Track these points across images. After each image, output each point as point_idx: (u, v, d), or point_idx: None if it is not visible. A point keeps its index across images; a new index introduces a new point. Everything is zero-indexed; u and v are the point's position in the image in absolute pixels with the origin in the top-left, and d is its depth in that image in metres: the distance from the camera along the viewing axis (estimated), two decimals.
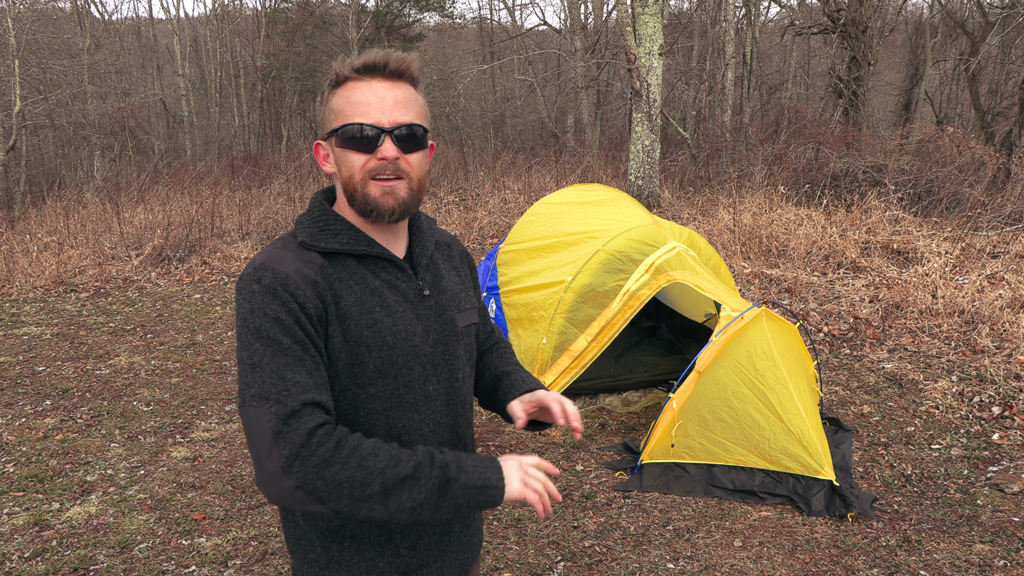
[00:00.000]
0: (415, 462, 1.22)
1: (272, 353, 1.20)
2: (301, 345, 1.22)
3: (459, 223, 10.80)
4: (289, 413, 1.17)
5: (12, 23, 14.50)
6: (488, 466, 1.29)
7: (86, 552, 3.32)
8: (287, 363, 1.20)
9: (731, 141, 14.09)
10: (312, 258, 1.31)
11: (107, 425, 4.67)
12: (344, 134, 1.30)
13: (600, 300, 4.58)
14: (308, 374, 1.21)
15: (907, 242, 8.04)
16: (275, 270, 1.25)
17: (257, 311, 1.22)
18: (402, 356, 1.33)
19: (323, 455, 1.16)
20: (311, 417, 1.18)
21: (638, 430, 4.55)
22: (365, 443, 1.21)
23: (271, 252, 1.31)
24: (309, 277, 1.27)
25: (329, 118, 1.33)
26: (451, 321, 1.43)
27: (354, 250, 1.33)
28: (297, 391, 1.19)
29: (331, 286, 1.29)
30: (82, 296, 7.68)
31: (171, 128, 23.90)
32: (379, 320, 1.31)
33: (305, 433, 1.16)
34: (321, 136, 1.38)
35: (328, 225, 1.35)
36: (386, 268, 1.37)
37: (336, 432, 1.19)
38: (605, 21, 22.53)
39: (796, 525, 3.53)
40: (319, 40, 20.08)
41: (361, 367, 1.30)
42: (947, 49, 20.36)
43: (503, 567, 3.24)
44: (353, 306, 1.30)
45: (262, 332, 1.21)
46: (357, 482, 1.17)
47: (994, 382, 4.99)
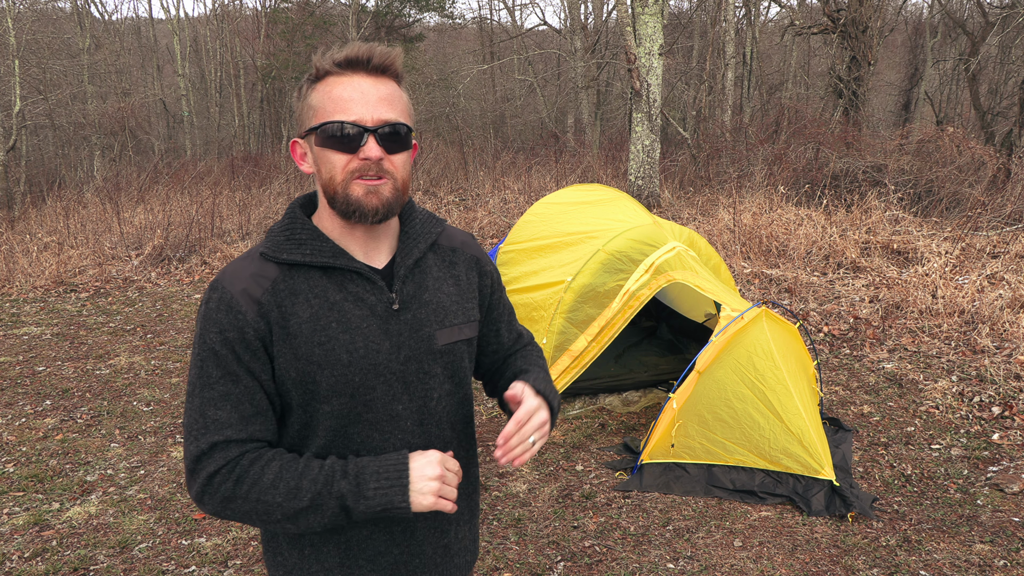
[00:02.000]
0: (313, 492, 1.21)
1: (201, 386, 1.24)
2: (232, 377, 1.23)
3: (459, 223, 10.80)
4: (199, 454, 1.22)
5: (12, 23, 14.50)
6: (393, 485, 1.22)
7: (86, 552, 3.32)
8: (212, 398, 1.23)
9: (731, 141, 14.09)
10: (268, 272, 1.27)
11: (107, 425, 4.67)
12: (324, 132, 1.24)
13: (600, 300, 4.58)
14: (232, 408, 1.23)
15: (907, 242, 8.04)
16: (223, 290, 1.25)
17: (199, 337, 1.25)
18: (360, 374, 1.27)
19: (224, 493, 1.22)
20: (217, 458, 1.22)
21: (638, 430, 4.55)
22: (267, 475, 1.22)
23: (232, 265, 1.29)
24: (254, 296, 1.24)
25: (308, 115, 1.27)
26: (428, 338, 1.34)
27: (316, 261, 1.27)
28: (214, 429, 1.23)
29: (280, 304, 1.25)
30: (82, 296, 7.68)
31: (171, 128, 23.89)
32: (334, 337, 1.26)
33: (207, 476, 1.22)
34: (298, 133, 1.31)
35: (294, 234, 1.30)
36: (353, 280, 1.29)
37: (238, 468, 1.22)
38: (605, 21, 22.54)
39: (796, 525, 3.53)
40: (319, 40, 20.07)
41: (314, 385, 1.26)
42: (947, 49, 20.36)
43: (503, 567, 3.24)
44: (306, 322, 1.25)
45: (198, 361, 1.25)
46: (260, 513, 1.22)
47: (994, 382, 4.99)
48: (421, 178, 14.05)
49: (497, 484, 3.95)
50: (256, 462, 1.23)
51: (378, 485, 1.22)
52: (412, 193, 13.00)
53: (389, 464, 1.24)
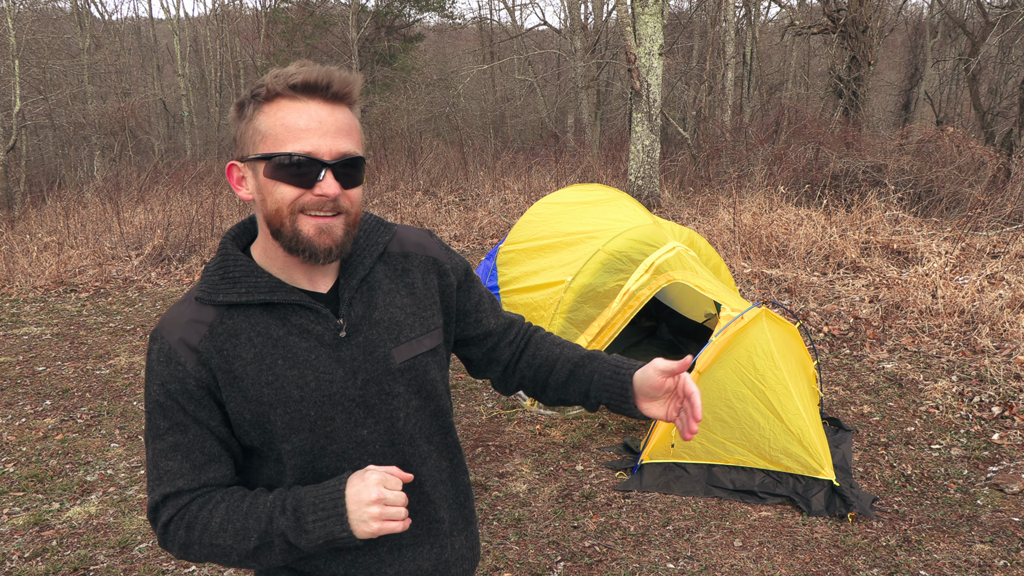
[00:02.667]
0: (259, 532, 1.18)
1: (152, 438, 1.23)
2: (179, 428, 1.21)
3: (459, 223, 10.80)
4: (154, 505, 1.24)
5: (12, 23, 14.50)
6: (329, 516, 1.16)
7: (86, 552, 3.32)
8: (161, 450, 1.22)
9: (731, 141, 14.09)
10: (204, 316, 1.21)
11: (107, 425, 4.67)
12: (275, 163, 1.13)
13: (600, 300, 4.58)
14: (183, 458, 1.22)
15: (907, 242, 8.04)
16: (162, 339, 1.22)
17: (146, 389, 1.24)
18: (315, 407, 1.22)
19: (180, 541, 1.22)
20: (168, 508, 1.22)
21: (638, 430, 4.55)
22: (214, 518, 1.20)
23: (171, 310, 1.26)
24: (191, 345, 1.19)
25: (254, 139, 1.16)
26: (384, 358, 1.27)
27: (254, 299, 1.20)
28: (166, 481, 1.22)
29: (220, 348, 1.20)
30: (82, 296, 7.68)
31: (171, 128, 23.89)
32: (281, 374, 1.20)
33: (162, 526, 1.23)
34: (239, 156, 1.20)
35: (228, 273, 1.22)
36: (296, 312, 1.22)
37: (187, 515, 1.22)
38: (605, 21, 22.54)
39: (796, 525, 3.53)
40: (319, 40, 20.07)
41: (269, 425, 1.22)
42: (947, 49, 20.36)
43: (503, 567, 3.24)
44: (251, 364, 1.20)
45: (147, 412, 1.24)
46: (219, 555, 1.22)
47: (994, 382, 4.99)
48: (421, 178, 14.06)
49: (497, 484, 3.95)
50: (204, 506, 1.21)
51: (315, 518, 1.16)
52: (412, 193, 13.00)
53: (325, 494, 1.17)
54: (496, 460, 4.20)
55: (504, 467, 4.12)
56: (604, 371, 1.38)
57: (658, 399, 1.32)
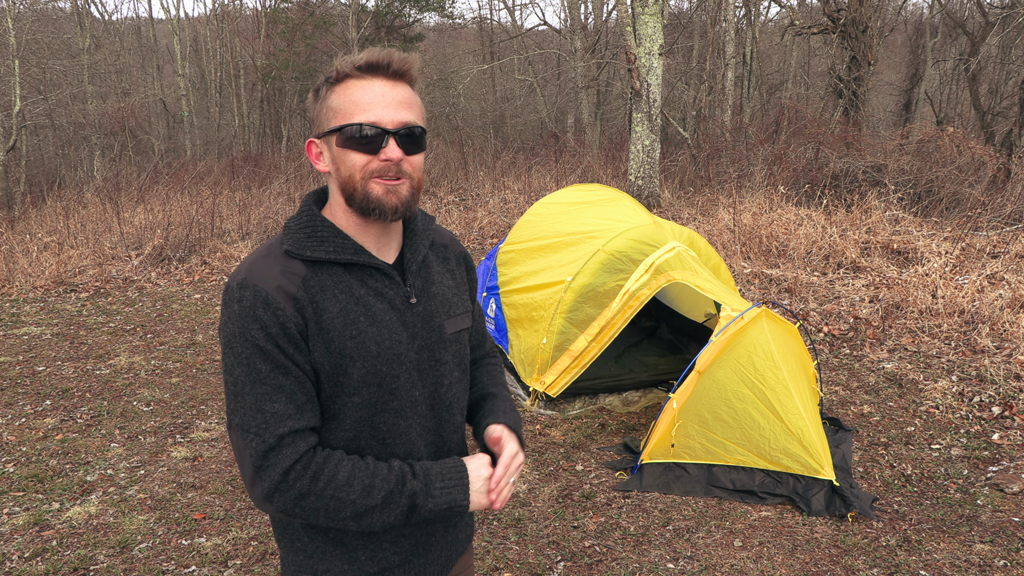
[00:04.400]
0: (386, 491, 1.28)
1: (252, 382, 1.24)
2: (281, 369, 1.25)
3: (459, 223, 10.79)
4: (268, 449, 1.23)
5: (12, 23, 14.50)
6: (455, 485, 1.34)
7: (86, 552, 3.32)
8: (266, 392, 1.24)
9: (731, 141, 14.09)
10: (295, 268, 1.29)
11: (107, 425, 4.67)
12: (346, 134, 1.27)
13: (600, 300, 4.58)
14: (288, 399, 1.25)
15: (907, 242, 8.04)
16: (256, 287, 1.25)
17: (238, 335, 1.25)
18: (387, 364, 1.33)
19: (299, 489, 1.24)
20: (289, 452, 1.24)
21: (638, 430, 4.55)
22: (341, 471, 1.27)
23: (255, 263, 1.30)
24: (289, 293, 1.26)
25: (327, 116, 1.31)
26: (438, 328, 1.42)
27: (340, 258, 1.32)
28: (275, 423, 1.24)
29: (313, 299, 1.28)
30: (82, 296, 7.68)
31: (171, 128, 23.89)
32: (363, 330, 1.31)
33: (282, 471, 1.23)
34: (316, 133, 1.35)
35: (315, 232, 1.33)
36: (373, 276, 1.35)
37: (313, 464, 1.25)
38: (605, 21, 22.53)
39: (796, 525, 3.53)
40: (319, 40, 20.07)
41: (345, 377, 1.30)
42: (947, 49, 20.36)
43: (503, 567, 3.24)
44: (337, 317, 1.29)
45: (243, 359, 1.25)
46: (331, 509, 1.26)
47: (994, 382, 4.99)
48: None
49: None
50: (328, 460, 1.27)
51: (443, 485, 1.33)
52: None
53: (450, 467, 1.35)
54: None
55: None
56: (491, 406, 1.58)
57: None
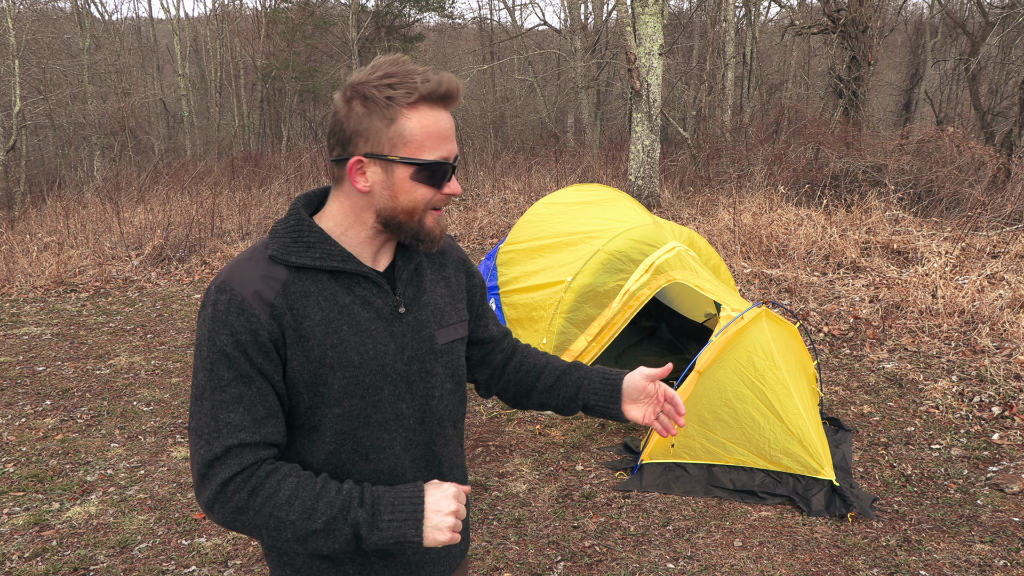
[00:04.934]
0: (328, 516, 1.20)
1: (212, 388, 1.21)
2: (244, 379, 1.21)
3: (459, 223, 10.79)
4: (212, 458, 1.20)
5: (12, 23, 14.50)
6: (406, 519, 1.22)
7: (86, 552, 3.32)
8: (223, 401, 1.21)
9: (731, 141, 14.09)
10: (277, 274, 1.26)
11: (107, 425, 4.67)
12: (423, 169, 1.25)
13: (600, 300, 4.58)
14: (245, 411, 1.21)
15: (907, 242, 8.04)
16: (232, 291, 1.22)
17: (207, 338, 1.22)
18: (370, 376, 1.29)
19: (237, 503, 1.20)
20: (232, 463, 1.20)
21: (638, 430, 4.55)
22: (283, 489, 1.21)
23: (236, 266, 1.27)
24: (266, 299, 1.23)
25: (393, 141, 1.24)
26: (429, 338, 1.38)
27: (326, 265, 1.27)
28: (227, 433, 1.20)
29: (292, 306, 1.24)
30: (82, 296, 7.68)
31: (171, 128, 23.90)
32: (345, 339, 1.27)
33: (221, 482, 1.20)
34: (365, 152, 1.25)
35: (301, 237, 1.28)
36: (360, 283, 1.31)
37: (253, 479, 1.20)
38: (605, 21, 22.53)
39: (796, 525, 3.53)
40: (319, 40, 20.08)
41: (326, 387, 1.26)
42: (947, 49, 20.36)
43: (503, 567, 3.24)
44: (318, 325, 1.25)
45: (207, 363, 1.22)
46: (271, 528, 1.21)
47: (994, 382, 4.99)
48: None
49: (497, 484, 3.95)
50: (272, 475, 1.22)
51: (392, 517, 1.22)
52: None
53: (404, 497, 1.24)
54: (496, 460, 4.20)
55: (504, 467, 4.12)
56: (593, 376, 1.56)
57: (640, 402, 1.51)
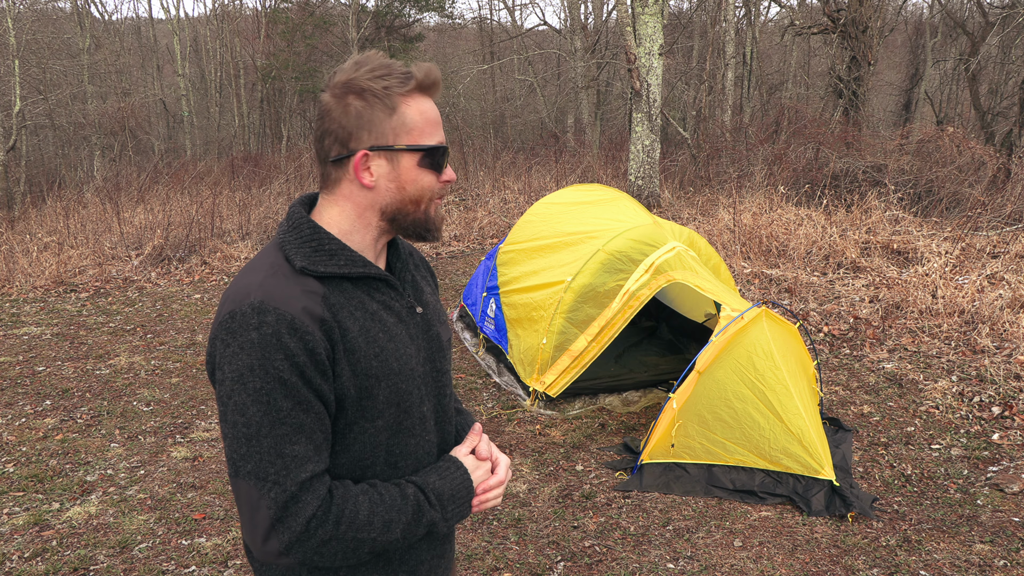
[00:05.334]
0: (404, 523, 1.21)
1: (271, 423, 1.10)
2: (303, 406, 1.12)
3: (459, 223, 10.79)
4: (288, 499, 1.11)
5: (12, 23, 14.50)
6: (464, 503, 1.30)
7: (86, 552, 3.32)
8: (286, 434, 1.11)
9: (731, 141, 14.09)
10: (313, 287, 1.18)
11: (107, 425, 4.67)
12: (432, 155, 1.22)
13: (600, 300, 4.58)
14: (308, 440, 1.13)
15: (907, 242, 8.04)
16: (279, 312, 1.11)
17: (257, 368, 1.10)
18: (406, 381, 1.25)
19: (322, 537, 1.13)
20: (310, 499, 1.12)
21: (638, 430, 4.55)
22: (361, 510, 1.17)
23: (269, 285, 1.15)
24: (316, 314, 1.14)
25: (396, 130, 1.20)
26: (437, 337, 1.36)
27: (352, 272, 1.21)
28: (296, 468, 1.11)
29: (336, 318, 1.17)
30: (82, 296, 7.68)
31: (171, 128, 23.90)
32: (384, 347, 1.22)
33: (305, 521, 1.12)
34: (369, 145, 1.20)
35: (322, 245, 1.21)
36: (380, 288, 1.26)
37: (334, 508, 1.14)
38: (605, 21, 22.54)
39: (796, 525, 3.53)
40: (319, 40, 20.07)
41: (371, 400, 1.20)
42: (947, 49, 20.36)
43: (503, 567, 3.24)
44: (359, 336, 1.19)
45: (260, 396, 1.10)
46: (351, 551, 1.17)
47: (994, 382, 4.99)
48: None
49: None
50: (347, 499, 1.16)
51: (455, 507, 1.28)
52: None
53: (459, 486, 1.29)
54: None
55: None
56: None
57: None
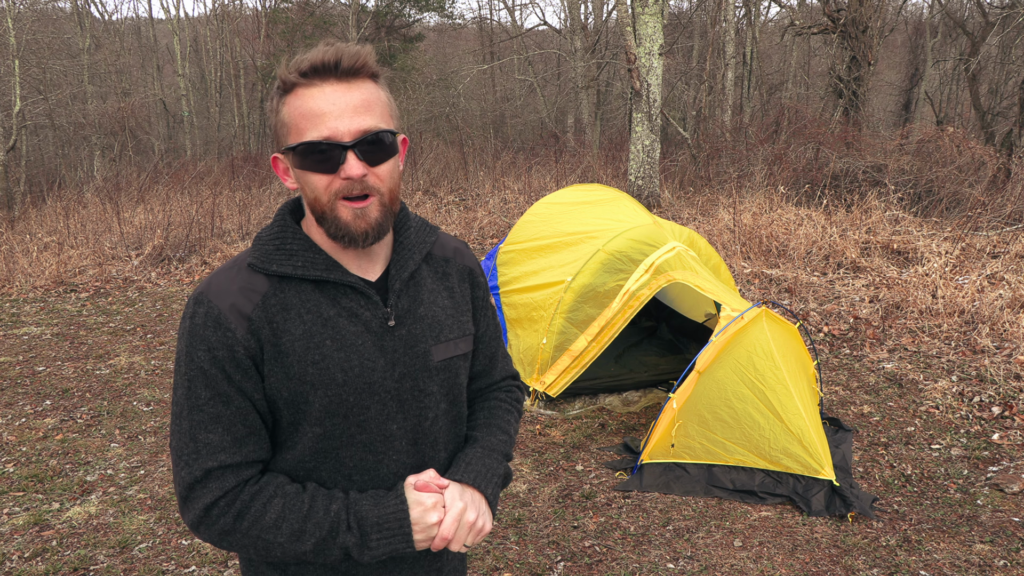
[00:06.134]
0: (317, 538, 1.17)
1: (190, 408, 1.16)
2: (222, 398, 1.16)
3: (459, 223, 10.79)
4: (193, 481, 1.15)
5: (12, 23, 14.50)
6: (395, 534, 1.19)
7: (86, 552, 3.32)
8: (202, 421, 1.16)
9: (731, 141, 14.09)
10: (257, 284, 1.18)
11: (107, 425, 4.67)
12: (300, 154, 1.13)
13: (600, 300, 4.58)
14: (225, 431, 1.16)
15: (907, 242, 8.04)
16: (210, 304, 1.16)
17: (184, 354, 1.17)
18: (355, 394, 1.21)
19: (222, 527, 1.16)
20: (214, 486, 1.16)
21: (638, 430, 4.55)
22: (269, 512, 1.16)
23: (217, 277, 1.20)
24: (244, 312, 1.16)
25: (280, 132, 1.17)
26: (424, 354, 1.27)
27: (309, 275, 1.19)
28: (206, 455, 1.15)
29: (271, 320, 1.17)
30: (82, 296, 7.68)
31: (171, 128, 23.90)
32: (328, 355, 1.18)
33: (204, 506, 1.15)
34: (276, 150, 1.21)
35: (284, 244, 1.21)
36: (347, 294, 1.22)
37: (237, 503, 1.16)
38: (605, 21, 22.54)
39: (796, 525, 3.53)
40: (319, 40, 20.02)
41: (306, 406, 1.19)
42: (947, 49, 20.36)
43: (503, 567, 3.24)
44: (299, 340, 1.17)
45: (185, 380, 1.17)
46: (260, 549, 1.18)
47: (994, 382, 4.99)
48: (421, 178, 14.05)
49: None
50: (257, 497, 1.17)
51: (380, 536, 1.19)
52: (412, 193, 12.99)
53: (389, 514, 1.20)
54: None
55: None
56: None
57: None
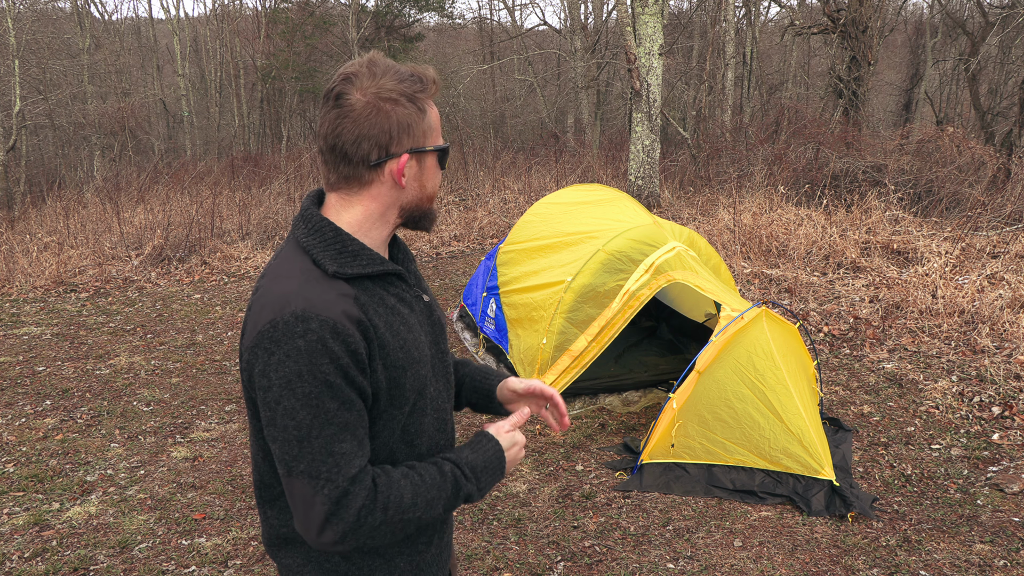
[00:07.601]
0: (445, 499, 1.29)
1: (320, 424, 1.17)
2: (347, 405, 1.19)
3: (459, 223, 10.79)
4: (341, 495, 1.18)
5: (12, 23, 14.50)
6: (496, 470, 1.37)
7: (86, 552, 3.32)
8: (334, 433, 1.18)
9: (731, 141, 14.09)
10: (345, 290, 1.24)
11: (107, 425, 4.67)
12: (445, 153, 1.34)
13: (600, 300, 4.58)
14: (352, 436, 1.21)
15: (907, 242, 8.04)
16: (321, 318, 1.17)
17: (305, 374, 1.16)
18: (425, 367, 1.34)
19: (372, 523, 1.21)
20: (359, 491, 1.20)
21: (638, 430, 4.55)
22: (405, 494, 1.24)
23: (307, 292, 1.21)
24: (354, 316, 1.21)
25: (426, 132, 1.30)
26: (439, 319, 1.45)
27: (373, 271, 1.28)
28: (346, 465, 1.19)
29: (369, 318, 1.24)
30: (82, 296, 7.68)
31: (171, 128, 23.90)
32: (406, 338, 1.30)
33: (356, 512, 1.19)
34: (409, 147, 1.28)
35: (346, 247, 1.28)
36: (393, 282, 1.34)
37: (379, 497, 1.22)
38: (605, 21, 22.53)
39: (796, 525, 3.53)
40: (319, 40, 20.07)
41: (400, 389, 1.28)
42: (947, 49, 20.36)
43: (503, 567, 3.24)
44: (386, 331, 1.26)
45: (309, 400, 1.17)
46: (398, 531, 1.26)
47: (994, 382, 4.99)
48: None
49: (497, 484, 3.95)
50: (391, 487, 1.24)
51: (489, 477, 1.36)
52: None
53: (491, 456, 1.37)
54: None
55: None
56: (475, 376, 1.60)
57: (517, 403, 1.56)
